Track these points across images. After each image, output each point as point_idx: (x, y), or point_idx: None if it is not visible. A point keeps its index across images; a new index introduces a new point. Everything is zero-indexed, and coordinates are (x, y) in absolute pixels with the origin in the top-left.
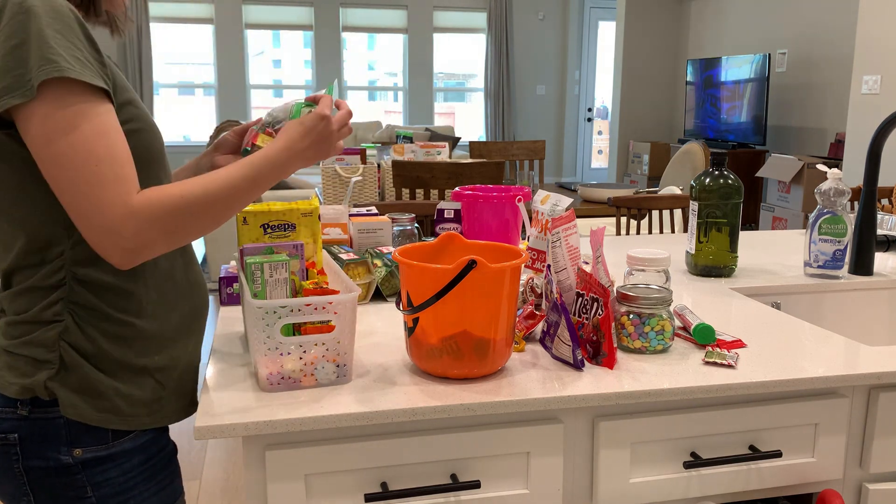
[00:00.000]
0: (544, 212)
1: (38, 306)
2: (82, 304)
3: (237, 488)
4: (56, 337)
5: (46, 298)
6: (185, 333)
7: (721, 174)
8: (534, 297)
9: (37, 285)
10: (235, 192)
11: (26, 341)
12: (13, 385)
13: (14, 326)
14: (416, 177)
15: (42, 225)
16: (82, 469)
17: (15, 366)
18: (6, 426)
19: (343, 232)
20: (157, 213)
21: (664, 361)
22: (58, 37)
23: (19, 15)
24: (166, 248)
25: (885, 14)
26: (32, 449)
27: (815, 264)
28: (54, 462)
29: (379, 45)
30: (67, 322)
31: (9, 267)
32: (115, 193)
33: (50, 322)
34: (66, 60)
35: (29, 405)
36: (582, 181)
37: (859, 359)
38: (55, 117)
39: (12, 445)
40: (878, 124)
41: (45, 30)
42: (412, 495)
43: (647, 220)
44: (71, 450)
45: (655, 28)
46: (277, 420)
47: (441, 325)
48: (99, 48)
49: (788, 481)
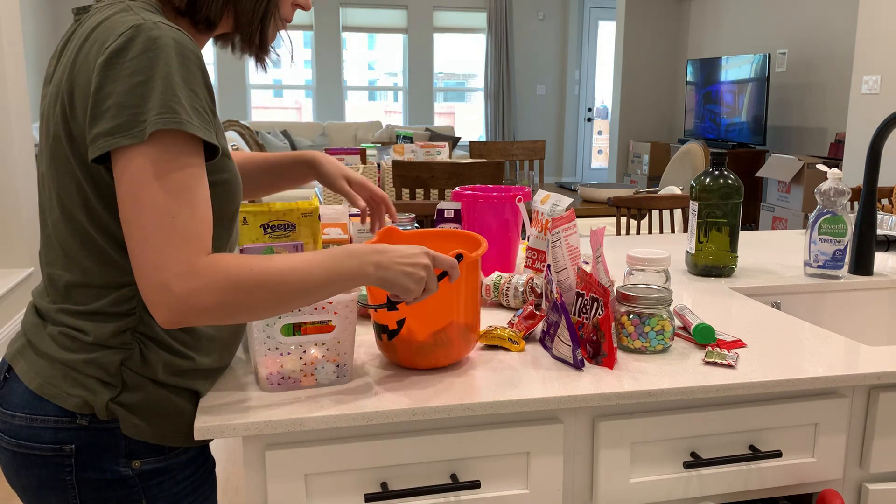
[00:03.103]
0: (544, 212)
1: (106, 331)
2: (149, 336)
3: (237, 488)
4: (119, 362)
5: (114, 324)
6: (228, 359)
7: (721, 174)
8: (534, 297)
9: (105, 310)
10: (309, 281)
11: (89, 360)
12: (74, 398)
13: (74, 341)
14: (416, 177)
15: (118, 253)
16: (139, 481)
17: (76, 379)
18: (63, 436)
19: (343, 232)
20: (221, 281)
21: (664, 361)
22: (182, 83)
23: (150, 52)
24: (216, 320)
25: (885, 14)
26: (89, 460)
27: (815, 264)
28: (111, 474)
29: (379, 45)
30: (134, 350)
31: (73, 281)
32: (183, 250)
33: (116, 348)
34: (186, 112)
35: (89, 416)
36: (582, 181)
37: (859, 359)
38: (156, 164)
39: (67, 456)
40: (878, 124)
41: (172, 73)
42: (412, 495)
43: (647, 220)
44: (130, 461)
45: (655, 28)
46: (277, 420)
47: (430, 321)
48: (214, 96)
49: (788, 481)
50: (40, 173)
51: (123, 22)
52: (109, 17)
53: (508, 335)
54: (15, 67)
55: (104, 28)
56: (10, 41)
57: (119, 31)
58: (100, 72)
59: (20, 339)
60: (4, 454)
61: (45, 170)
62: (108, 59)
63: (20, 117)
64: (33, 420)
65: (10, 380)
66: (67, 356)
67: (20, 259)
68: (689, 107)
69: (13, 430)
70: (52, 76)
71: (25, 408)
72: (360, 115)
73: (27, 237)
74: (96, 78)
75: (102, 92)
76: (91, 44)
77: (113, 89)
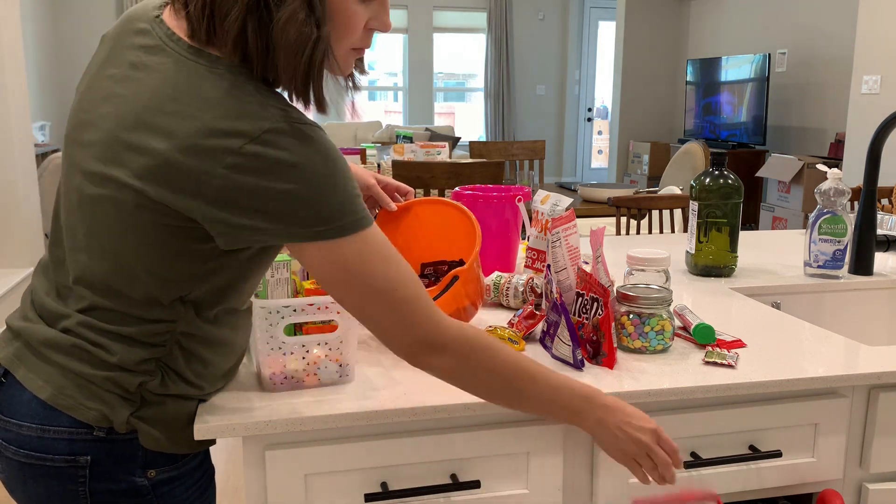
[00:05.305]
0: (544, 212)
1: (133, 357)
2: (172, 368)
3: (237, 488)
4: (138, 383)
5: (143, 351)
6: (229, 381)
7: (721, 174)
8: (534, 297)
9: (136, 337)
10: (526, 401)
11: (109, 378)
12: (92, 411)
13: (93, 356)
14: (416, 177)
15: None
16: (152, 490)
17: (94, 392)
18: (78, 448)
19: None
20: (460, 341)
21: (664, 361)
22: (349, 178)
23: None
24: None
25: (885, 14)
26: (104, 471)
27: (815, 264)
28: (127, 484)
29: (379, 45)
30: (156, 376)
31: (106, 306)
32: (426, 308)
33: (139, 373)
34: (362, 209)
35: (106, 429)
36: (582, 181)
37: (859, 359)
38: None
39: (81, 468)
40: (878, 124)
41: (339, 172)
42: (412, 495)
43: (647, 220)
44: (146, 471)
45: (655, 28)
46: (277, 420)
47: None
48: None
49: (788, 481)
50: (76, 187)
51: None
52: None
53: (508, 335)
54: (15, 67)
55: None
56: (10, 41)
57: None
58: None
59: (14, 341)
60: (10, 465)
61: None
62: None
63: (20, 117)
64: (45, 431)
65: (9, 386)
66: (84, 369)
67: (20, 259)
68: (689, 107)
69: (21, 440)
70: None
71: (35, 418)
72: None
73: (27, 237)
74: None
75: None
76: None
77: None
